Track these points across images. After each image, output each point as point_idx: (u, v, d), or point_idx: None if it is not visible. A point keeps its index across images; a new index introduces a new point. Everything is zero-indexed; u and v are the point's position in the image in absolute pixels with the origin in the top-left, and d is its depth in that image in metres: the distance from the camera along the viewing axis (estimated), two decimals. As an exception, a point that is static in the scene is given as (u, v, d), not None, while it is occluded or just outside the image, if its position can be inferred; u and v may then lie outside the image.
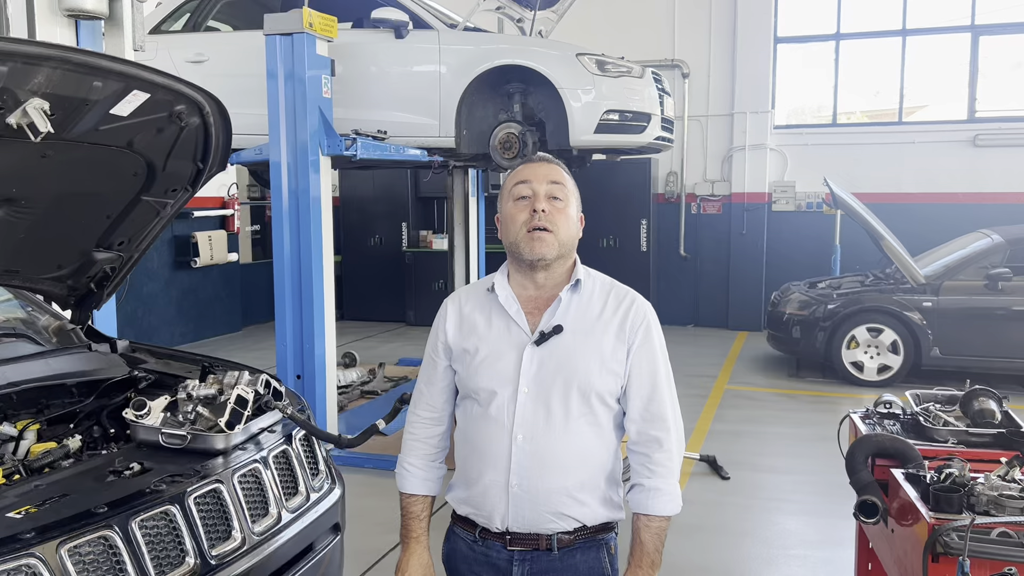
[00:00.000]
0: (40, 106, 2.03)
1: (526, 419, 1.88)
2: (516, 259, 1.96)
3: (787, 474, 5.39)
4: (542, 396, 1.89)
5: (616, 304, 1.96)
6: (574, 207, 1.98)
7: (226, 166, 2.80)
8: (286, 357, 5.47)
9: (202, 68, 6.13)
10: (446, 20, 6.14)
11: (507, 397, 1.90)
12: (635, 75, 5.83)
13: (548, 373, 1.89)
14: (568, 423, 1.88)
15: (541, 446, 1.88)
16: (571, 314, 1.93)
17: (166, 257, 9.58)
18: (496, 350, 1.93)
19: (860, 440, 2.55)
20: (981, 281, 7.41)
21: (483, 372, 1.93)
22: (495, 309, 1.97)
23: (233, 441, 2.37)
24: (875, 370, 7.67)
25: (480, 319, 1.98)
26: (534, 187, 1.93)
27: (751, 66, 10.59)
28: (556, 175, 1.96)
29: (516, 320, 1.94)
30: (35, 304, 3.21)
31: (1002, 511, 2.02)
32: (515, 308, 1.95)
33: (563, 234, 1.92)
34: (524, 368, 1.89)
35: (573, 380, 1.88)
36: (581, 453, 1.90)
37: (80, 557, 1.83)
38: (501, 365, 1.92)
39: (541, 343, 1.90)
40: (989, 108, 10.16)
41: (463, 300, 2.05)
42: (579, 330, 1.91)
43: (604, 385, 1.90)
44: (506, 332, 1.94)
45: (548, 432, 1.88)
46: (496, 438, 1.91)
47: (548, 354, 1.90)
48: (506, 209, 1.97)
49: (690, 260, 11.17)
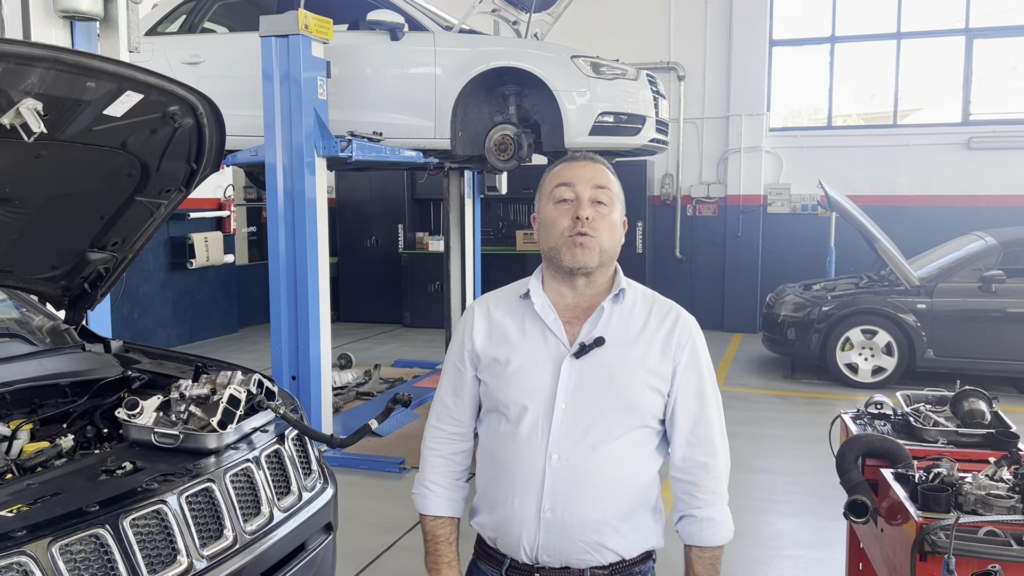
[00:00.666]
0: (33, 106, 2.04)
1: (562, 438, 1.73)
2: (554, 266, 1.82)
3: (781, 475, 5.41)
4: (581, 413, 1.74)
5: (660, 318, 1.82)
6: (618, 212, 1.84)
7: (220, 167, 2.81)
8: (281, 358, 5.48)
9: (198, 70, 6.15)
10: (442, 22, 6.16)
11: (541, 413, 1.75)
12: (630, 77, 5.85)
13: (588, 389, 1.74)
14: (609, 444, 1.73)
15: (578, 469, 1.72)
16: (613, 326, 1.79)
17: (162, 258, 9.58)
18: (530, 361, 1.78)
19: (850, 440, 2.56)
20: (975, 283, 7.44)
21: (515, 384, 1.78)
22: (529, 316, 1.83)
23: (225, 440, 2.38)
24: (869, 372, 7.70)
25: (512, 326, 1.83)
26: (577, 190, 1.79)
27: (746, 69, 10.63)
28: (601, 177, 1.82)
29: (553, 330, 1.80)
30: (29, 304, 3.22)
31: (989, 510, 2.04)
32: (552, 317, 1.81)
33: (606, 241, 1.79)
34: (562, 382, 1.75)
35: (616, 398, 1.74)
36: (622, 478, 1.75)
37: (71, 555, 1.83)
38: (535, 377, 1.77)
39: (581, 355, 1.75)
40: (983, 111, 10.20)
41: (492, 305, 1.90)
42: (621, 344, 1.77)
43: (648, 404, 1.77)
44: (541, 342, 1.80)
45: (587, 453, 1.72)
46: (528, 458, 1.75)
47: (588, 368, 1.75)
48: (546, 212, 1.83)
49: (685, 262, 11.19)
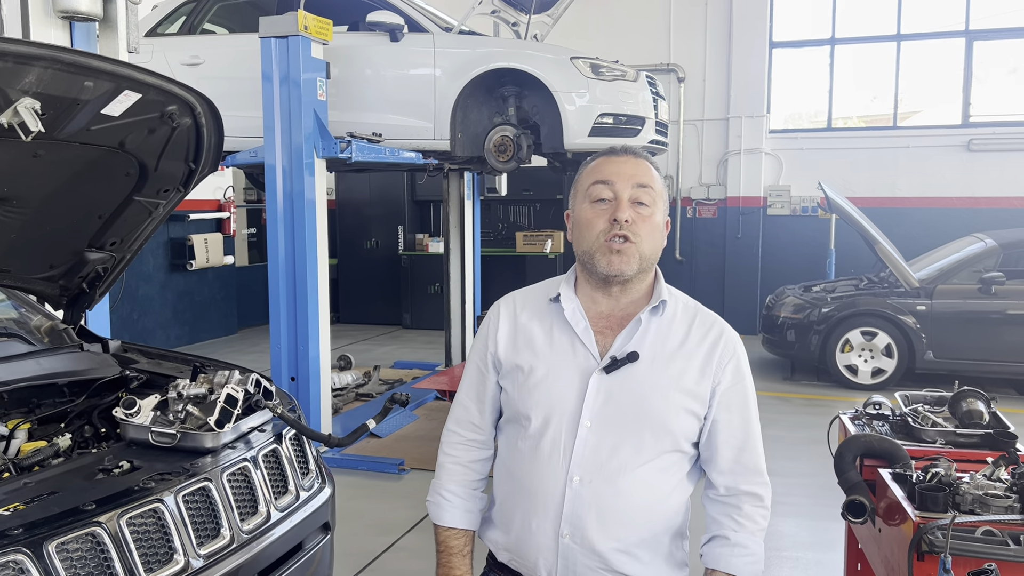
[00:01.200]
0: (31, 105, 2.04)
1: (586, 458, 1.61)
2: (588, 271, 1.68)
3: (780, 476, 5.40)
4: (608, 434, 1.61)
5: (703, 333, 1.67)
6: (661, 213, 1.68)
7: (218, 167, 2.82)
8: (281, 360, 5.48)
9: (197, 70, 6.16)
10: (441, 23, 6.17)
11: (564, 429, 1.63)
12: (629, 79, 5.85)
13: (617, 408, 1.61)
14: (636, 469, 1.61)
15: (601, 493, 1.60)
16: (649, 340, 1.65)
17: (162, 260, 9.58)
18: (555, 372, 1.65)
19: (848, 440, 2.56)
20: (975, 285, 7.44)
21: (537, 395, 1.65)
22: (557, 322, 1.69)
23: (222, 440, 2.37)
24: (869, 373, 7.70)
25: (539, 332, 1.70)
26: (616, 189, 1.64)
27: (746, 70, 10.63)
28: (644, 175, 1.66)
29: (583, 340, 1.66)
30: (27, 304, 3.22)
31: (987, 510, 2.04)
32: (583, 325, 1.67)
33: (646, 246, 1.65)
34: (589, 398, 1.61)
35: (646, 419, 1.61)
36: (648, 506, 1.63)
37: (68, 554, 1.83)
38: (560, 389, 1.64)
39: (611, 370, 1.61)
40: (983, 113, 10.21)
41: (519, 306, 1.76)
42: (657, 360, 1.63)
43: (682, 428, 1.63)
44: (569, 352, 1.66)
45: (611, 478, 1.60)
46: (548, 477, 1.63)
47: (618, 385, 1.62)
48: (581, 211, 1.67)
49: (685, 264, 11.18)
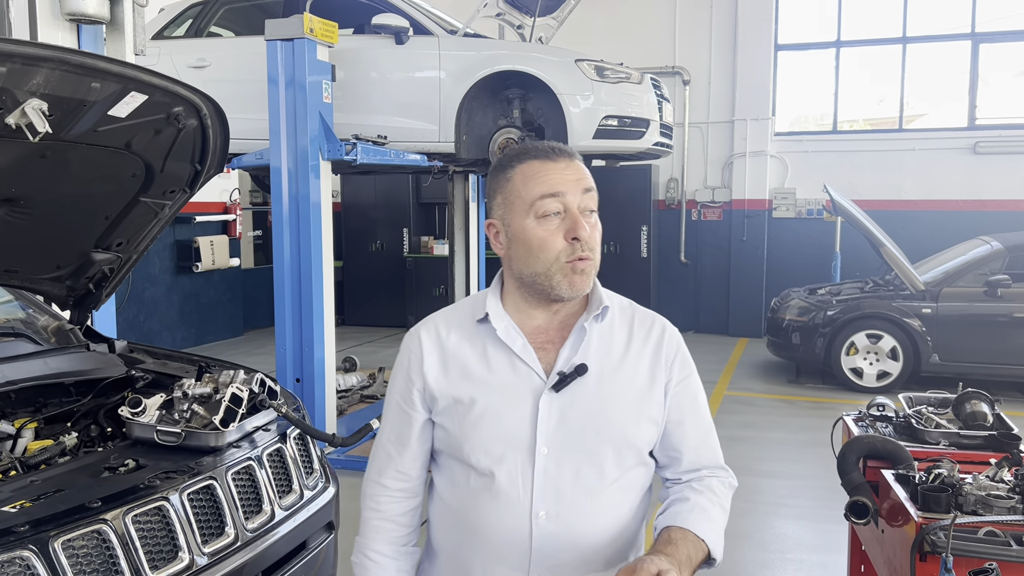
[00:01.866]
0: (38, 107, 2.06)
1: (549, 490, 1.45)
2: (538, 291, 1.49)
3: (784, 479, 5.40)
4: (567, 458, 1.46)
5: (645, 333, 1.56)
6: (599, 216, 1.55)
7: (224, 169, 2.83)
8: (286, 361, 5.49)
9: (204, 73, 6.18)
10: (446, 26, 6.18)
11: (520, 462, 1.46)
12: (634, 81, 5.86)
13: (573, 427, 1.46)
14: (601, 492, 1.47)
15: (571, 524, 1.45)
16: (595, 348, 1.51)
17: (168, 262, 9.61)
18: (500, 399, 1.48)
19: (851, 441, 2.56)
20: (980, 288, 7.43)
21: (484, 430, 1.47)
22: (491, 344, 1.51)
23: (227, 439, 2.39)
24: (874, 376, 7.68)
25: (472, 357, 1.51)
26: (567, 201, 1.46)
27: (752, 73, 10.63)
28: (586, 177, 1.49)
29: (524, 358, 1.49)
30: (34, 304, 3.24)
31: (989, 511, 2.04)
32: (521, 343, 1.50)
33: (598, 257, 1.51)
34: (542, 422, 1.45)
35: (606, 434, 1.47)
36: (618, 530, 1.50)
37: (74, 551, 1.85)
38: (509, 418, 1.47)
39: (561, 388, 1.46)
40: (989, 116, 10.19)
41: (442, 331, 1.55)
42: (606, 369, 1.50)
43: (642, 437, 1.51)
44: (511, 375, 1.49)
45: (579, 506, 1.46)
46: (509, 519, 1.45)
47: (570, 402, 1.47)
48: (525, 229, 1.46)
49: (690, 266, 11.18)
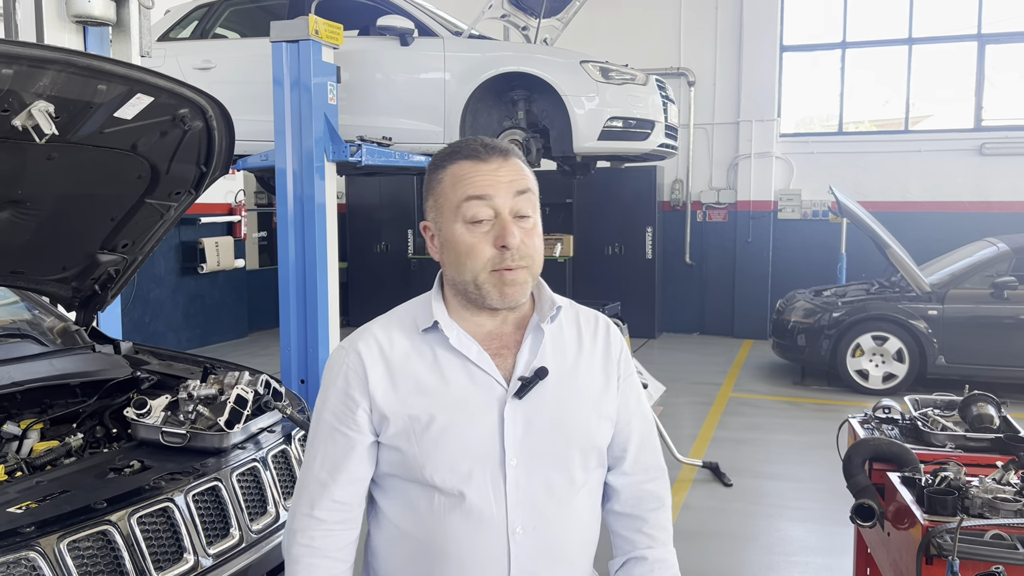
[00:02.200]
0: (45, 108, 2.07)
1: (523, 503, 1.38)
2: (472, 299, 1.41)
3: (790, 481, 5.38)
4: (537, 467, 1.39)
5: (592, 331, 1.51)
6: (537, 220, 1.41)
7: (229, 170, 2.84)
8: (291, 362, 5.50)
9: (209, 75, 6.20)
10: (451, 28, 6.19)
11: (491, 477, 1.37)
12: (639, 82, 5.86)
13: (540, 434, 1.40)
14: (573, 498, 1.42)
15: (548, 536, 1.39)
16: (550, 350, 1.45)
17: (173, 263, 9.64)
18: (459, 412, 1.37)
19: (857, 444, 2.55)
20: (987, 289, 7.40)
21: (447, 447, 1.36)
22: (441, 353, 1.40)
23: (232, 440, 2.40)
24: (880, 378, 7.66)
25: (423, 369, 1.40)
26: (496, 204, 1.35)
27: (757, 74, 10.62)
28: (520, 178, 1.37)
29: (481, 366, 1.40)
30: (40, 305, 3.25)
31: (996, 514, 2.03)
32: (476, 350, 1.40)
33: (537, 264, 1.40)
34: (508, 431, 1.37)
35: (572, 438, 1.42)
36: (590, 535, 1.47)
37: (79, 552, 1.85)
38: (474, 432, 1.37)
39: (523, 394, 1.38)
40: (996, 117, 10.16)
41: (384, 343, 1.43)
42: (563, 371, 1.44)
43: (603, 437, 1.47)
44: (469, 385, 1.39)
45: (553, 515, 1.40)
46: (485, 538, 1.36)
47: (534, 408, 1.40)
48: (453, 233, 1.37)
49: (695, 268, 11.17)
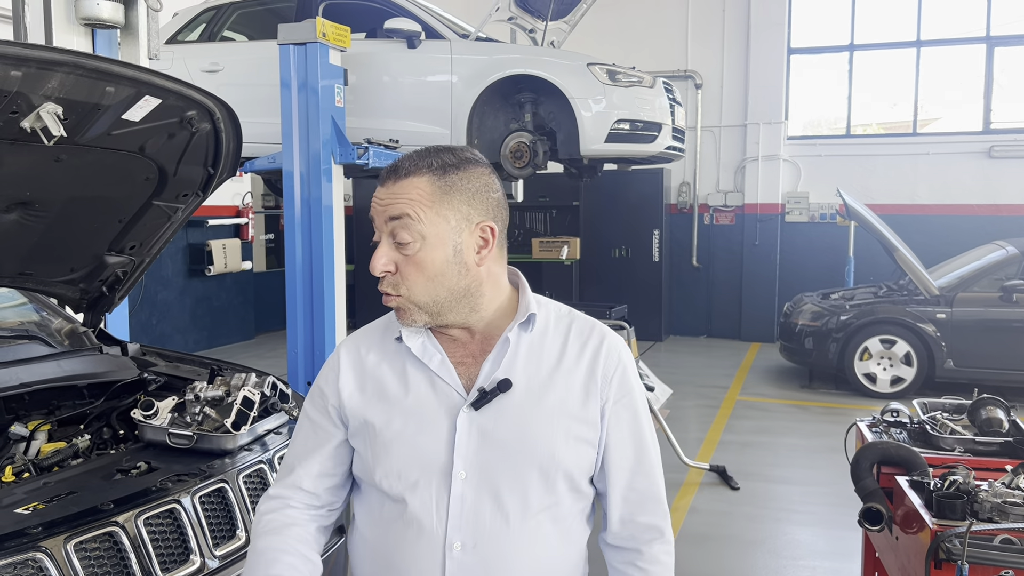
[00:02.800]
0: (53, 110, 2.07)
1: (465, 518, 1.33)
2: None
3: (797, 485, 5.36)
4: (487, 483, 1.33)
5: (580, 344, 1.41)
6: (437, 244, 1.32)
7: (237, 172, 2.84)
8: (298, 364, 5.51)
9: (217, 77, 6.22)
10: (458, 30, 6.19)
11: (435, 488, 1.34)
12: (646, 85, 5.85)
13: (495, 449, 1.34)
14: (526, 521, 1.34)
15: (489, 557, 1.32)
16: (521, 362, 1.38)
17: (180, 265, 9.66)
18: (414, 419, 1.36)
19: (865, 447, 2.54)
20: (996, 293, 7.37)
21: (395, 451, 1.36)
22: (410, 362, 1.40)
23: (239, 442, 2.40)
24: (888, 382, 7.63)
25: (390, 377, 1.40)
26: (378, 227, 1.35)
27: (764, 77, 10.60)
28: (396, 202, 1.32)
29: (441, 375, 1.38)
30: (48, 307, 3.26)
31: (1006, 518, 2.01)
32: (438, 359, 1.38)
33: (423, 295, 1.34)
34: (459, 443, 1.34)
35: (532, 456, 1.34)
36: (547, 564, 1.36)
37: (86, 553, 1.86)
38: (424, 440, 1.35)
39: (481, 405, 1.34)
40: (1004, 119, 10.12)
41: (363, 348, 1.45)
42: (533, 385, 1.37)
43: (576, 460, 1.37)
44: (430, 393, 1.37)
45: (499, 537, 1.33)
46: (421, 549, 1.34)
47: (492, 421, 1.35)
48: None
49: (702, 270, 11.15)
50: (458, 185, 1.33)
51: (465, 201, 1.34)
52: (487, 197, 1.37)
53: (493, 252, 1.38)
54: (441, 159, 1.34)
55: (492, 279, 1.40)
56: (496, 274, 1.41)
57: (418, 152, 1.37)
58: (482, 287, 1.38)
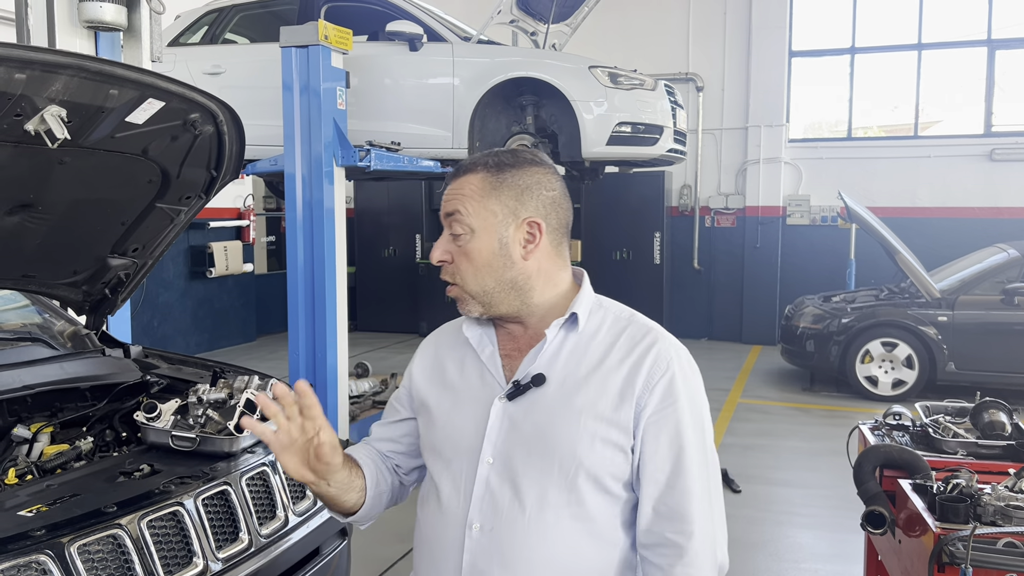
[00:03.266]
0: (57, 113, 2.08)
1: (486, 502, 1.38)
2: None
3: (799, 487, 5.36)
4: (510, 472, 1.38)
5: (627, 349, 1.41)
6: (483, 235, 1.40)
7: (239, 174, 2.85)
8: (299, 367, 5.51)
9: (219, 80, 6.22)
10: (460, 33, 6.20)
11: (464, 469, 1.42)
12: (647, 87, 5.86)
13: (521, 440, 1.39)
14: (543, 514, 1.36)
15: (505, 543, 1.36)
16: (562, 360, 1.42)
17: (182, 267, 9.67)
18: (460, 405, 1.46)
19: (868, 451, 2.54)
20: (997, 296, 7.37)
21: (439, 432, 1.47)
22: (469, 353, 1.50)
23: (241, 444, 2.40)
24: (889, 385, 7.62)
25: (452, 366, 1.52)
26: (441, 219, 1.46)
27: (765, 79, 10.61)
28: (451, 198, 1.42)
29: (488, 365, 1.46)
30: (51, 309, 3.26)
31: (1009, 521, 2.01)
32: (489, 351, 1.47)
33: (474, 284, 1.42)
34: (490, 430, 1.40)
35: (554, 452, 1.37)
36: (564, 560, 1.36)
37: (89, 555, 1.85)
38: (462, 423, 1.44)
39: (515, 397, 1.40)
40: (1006, 122, 10.11)
41: (441, 338, 1.59)
42: (568, 382, 1.40)
43: (601, 462, 1.37)
44: (478, 381, 1.47)
45: (516, 523, 1.37)
46: (446, 525, 1.42)
47: (523, 413, 1.40)
48: None
49: (704, 273, 11.15)
50: (508, 182, 1.41)
51: (513, 197, 1.41)
52: (538, 195, 1.43)
53: (544, 248, 1.43)
54: (499, 158, 1.44)
55: (544, 275, 1.45)
56: (548, 270, 1.45)
57: (484, 152, 1.47)
58: (531, 281, 1.43)
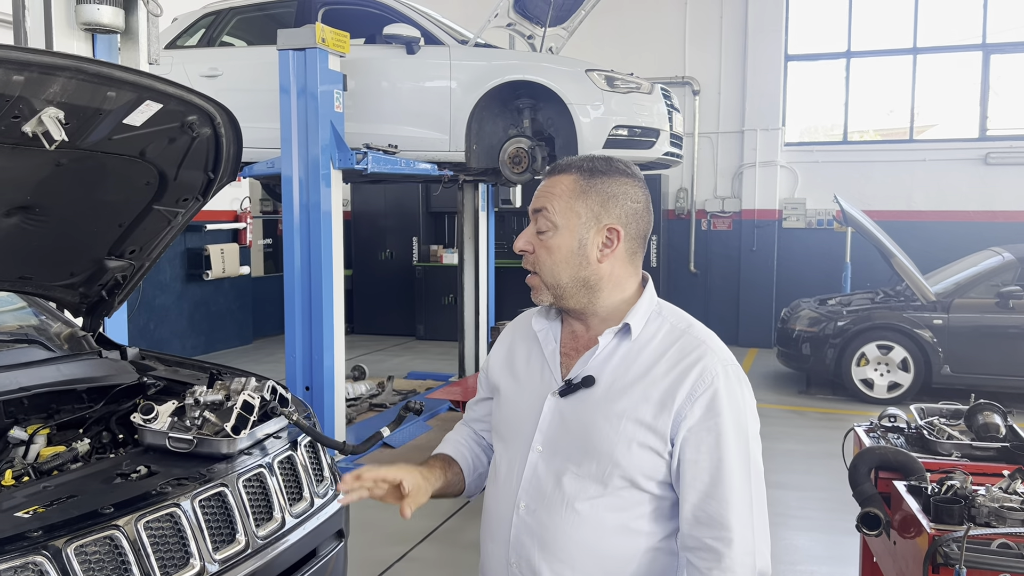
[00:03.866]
0: (55, 115, 2.08)
1: (532, 485, 1.54)
2: None
3: (795, 490, 5.37)
4: (555, 462, 1.53)
5: (675, 360, 1.49)
6: (566, 233, 1.51)
7: (237, 176, 2.85)
8: (295, 369, 5.50)
9: (216, 82, 6.23)
10: (457, 36, 6.21)
11: (518, 453, 1.58)
12: (644, 91, 5.87)
13: (567, 434, 1.52)
14: (576, 504, 1.49)
15: (544, 524, 1.51)
16: (613, 364, 1.52)
17: (178, 270, 9.66)
18: (522, 393, 1.62)
19: (863, 453, 2.55)
20: (992, 299, 7.39)
21: (502, 417, 1.65)
22: (535, 346, 1.64)
23: (238, 446, 2.39)
24: (885, 387, 7.64)
25: (521, 354, 1.67)
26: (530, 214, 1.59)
27: (761, 83, 10.64)
28: (542, 196, 1.54)
29: (549, 362, 1.60)
30: (48, 311, 3.26)
31: (1003, 523, 2.02)
32: (551, 348, 1.61)
33: (548, 276, 1.53)
34: (543, 421, 1.55)
35: (592, 451, 1.48)
36: (599, 548, 1.48)
37: (86, 556, 1.85)
38: (522, 409, 1.60)
39: (567, 394, 1.53)
40: (1000, 126, 10.16)
41: (517, 327, 1.74)
42: (616, 387, 1.49)
43: (636, 463, 1.46)
44: (539, 374, 1.61)
45: (555, 508, 1.51)
46: (501, 501, 1.60)
47: (571, 410, 1.52)
48: None
49: (700, 276, 11.17)
50: (597, 187, 1.51)
51: (599, 202, 1.51)
52: (623, 204, 1.52)
53: (619, 254, 1.53)
54: (593, 163, 1.53)
55: (614, 279, 1.55)
56: (619, 275, 1.55)
57: (581, 155, 1.58)
58: (601, 282, 1.53)
